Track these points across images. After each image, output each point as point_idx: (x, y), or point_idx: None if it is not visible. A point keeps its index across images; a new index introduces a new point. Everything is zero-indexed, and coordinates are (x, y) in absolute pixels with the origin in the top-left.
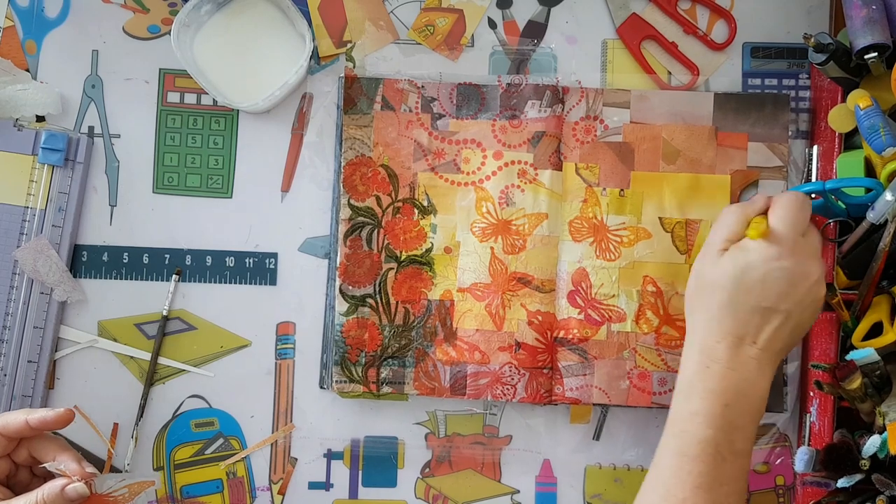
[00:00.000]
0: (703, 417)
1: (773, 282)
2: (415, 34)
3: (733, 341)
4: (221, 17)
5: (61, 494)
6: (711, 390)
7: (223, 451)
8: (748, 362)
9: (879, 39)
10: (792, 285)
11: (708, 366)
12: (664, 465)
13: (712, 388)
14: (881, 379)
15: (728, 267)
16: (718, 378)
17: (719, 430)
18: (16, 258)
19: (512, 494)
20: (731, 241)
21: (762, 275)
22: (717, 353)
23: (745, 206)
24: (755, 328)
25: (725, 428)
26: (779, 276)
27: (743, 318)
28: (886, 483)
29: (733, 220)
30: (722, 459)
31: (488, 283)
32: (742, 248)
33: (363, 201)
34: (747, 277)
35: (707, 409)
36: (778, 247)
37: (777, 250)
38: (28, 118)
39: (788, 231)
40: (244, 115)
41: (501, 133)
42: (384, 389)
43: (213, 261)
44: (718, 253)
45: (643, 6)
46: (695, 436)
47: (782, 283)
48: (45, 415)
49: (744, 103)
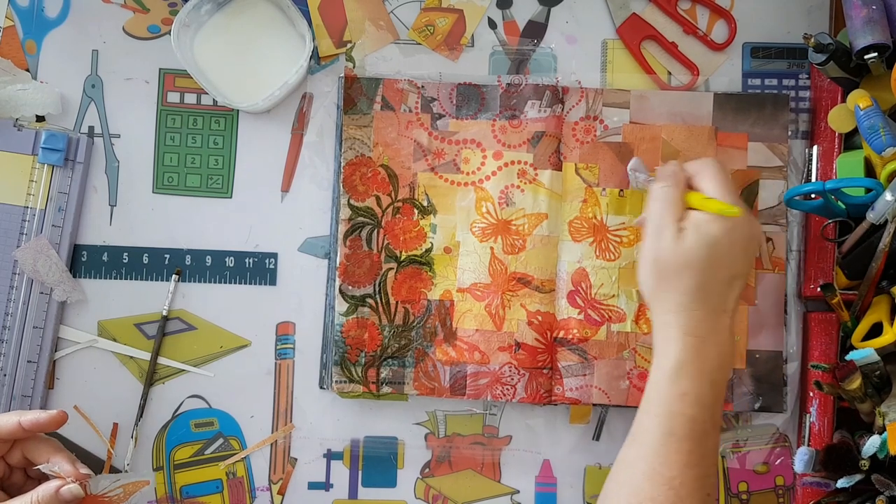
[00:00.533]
0: (692, 397)
1: (738, 250)
2: (415, 34)
3: (713, 316)
4: (221, 17)
5: (56, 496)
6: (701, 370)
7: (223, 452)
8: (725, 332)
9: (879, 39)
10: (750, 247)
11: (696, 346)
12: (648, 445)
13: (701, 368)
14: (881, 379)
15: (694, 246)
16: (707, 357)
17: (706, 407)
18: (16, 258)
19: (512, 495)
20: (680, 220)
21: (728, 246)
22: (701, 330)
23: (678, 182)
24: (726, 297)
25: (712, 404)
26: (741, 242)
27: (717, 291)
28: (886, 483)
29: (674, 198)
30: (707, 435)
31: (488, 284)
32: (701, 224)
33: (363, 201)
34: (716, 252)
35: (696, 388)
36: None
37: (733, 219)
38: (28, 118)
39: (734, 198)
40: (244, 115)
41: (501, 133)
42: (384, 389)
43: (212, 261)
44: (675, 234)
45: (643, 6)
46: (684, 415)
47: (743, 249)
48: (38, 416)
49: (744, 103)
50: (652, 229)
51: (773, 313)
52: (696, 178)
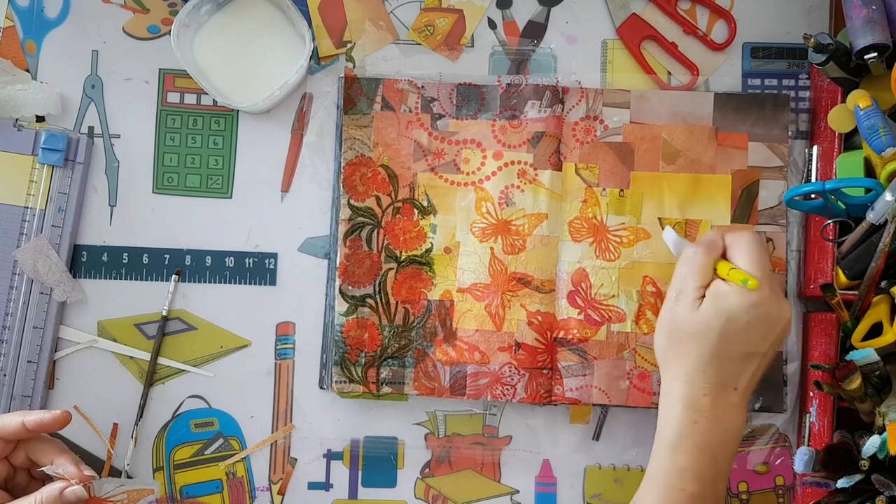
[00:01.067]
0: (692, 473)
1: (755, 328)
2: (415, 34)
3: (718, 391)
4: (221, 17)
5: (60, 498)
6: (699, 446)
7: (223, 452)
8: (731, 409)
9: (879, 39)
10: (771, 329)
11: (695, 420)
12: None
13: (700, 443)
14: (881, 379)
15: (710, 316)
16: (706, 432)
17: (707, 483)
18: (16, 258)
19: (512, 495)
20: (704, 287)
21: (746, 322)
22: (703, 405)
23: (709, 249)
24: (737, 374)
25: (713, 480)
26: (761, 321)
27: (727, 367)
28: (886, 483)
29: (702, 264)
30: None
31: (488, 284)
32: (721, 295)
33: (363, 201)
34: (732, 326)
35: (696, 465)
36: (758, 291)
37: (757, 295)
38: (28, 118)
39: (764, 273)
40: (244, 115)
41: (501, 133)
42: (384, 389)
43: (212, 261)
44: (694, 301)
45: (643, 6)
46: (684, 491)
47: (764, 328)
48: (41, 416)
49: (744, 103)
50: (673, 291)
51: None
52: (731, 248)
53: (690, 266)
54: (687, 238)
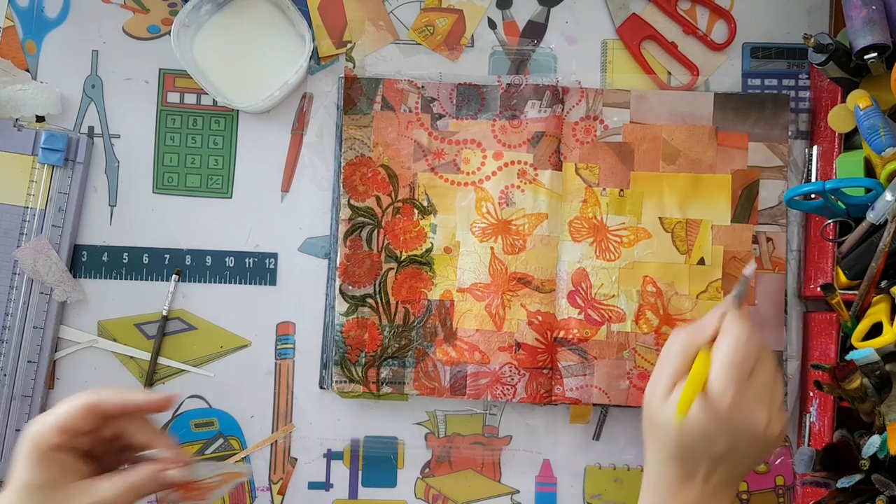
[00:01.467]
0: None
1: (716, 438)
2: (415, 34)
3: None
4: (221, 17)
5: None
6: None
7: (223, 451)
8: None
9: (879, 39)
10: (737, 439)
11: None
12: None
13: None
14: (881, 379)
15: (670, 418)
16: None
17: None
18: (16, 258)
19: (512, 494)
20: (678, 375)
21: (704, 432)
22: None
23: (694, 335)
24: (705, 472)
25: None
26: (722, 432)
27: (690, 466)
28: (886, 483)
29: (680, 351)
30: None
31: (488, 284)
32: None
33: (363, 201)
34: (691, 432)
35: None
36: (718, 402)
37: (716, 407)
38: (28, 118)
39: (730, 381)
40: (244, 115)
41: (501, 133)
42: (384, 389)
43: (212, 261)
44: (665, 394)
45: (643, 6)
46: None
47: (727, 439)
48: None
49: (744, 103)
50: (654, 375)
51: (773, 313)
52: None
53: (669, 348)
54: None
